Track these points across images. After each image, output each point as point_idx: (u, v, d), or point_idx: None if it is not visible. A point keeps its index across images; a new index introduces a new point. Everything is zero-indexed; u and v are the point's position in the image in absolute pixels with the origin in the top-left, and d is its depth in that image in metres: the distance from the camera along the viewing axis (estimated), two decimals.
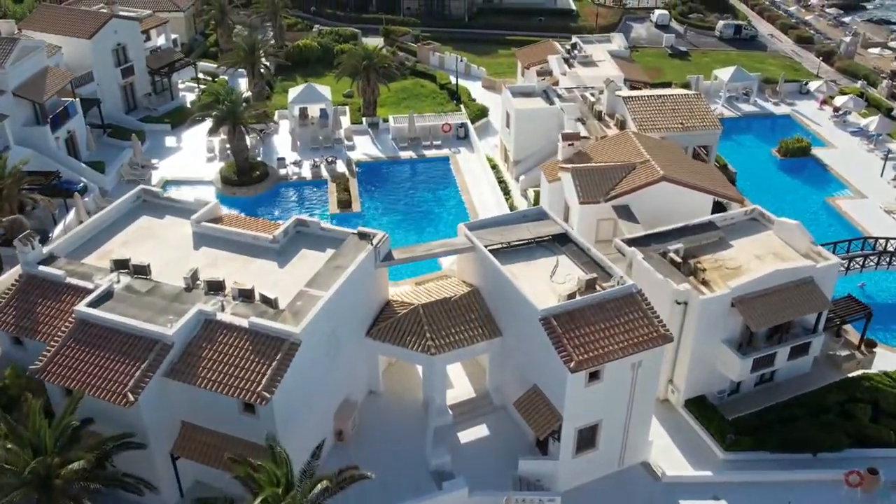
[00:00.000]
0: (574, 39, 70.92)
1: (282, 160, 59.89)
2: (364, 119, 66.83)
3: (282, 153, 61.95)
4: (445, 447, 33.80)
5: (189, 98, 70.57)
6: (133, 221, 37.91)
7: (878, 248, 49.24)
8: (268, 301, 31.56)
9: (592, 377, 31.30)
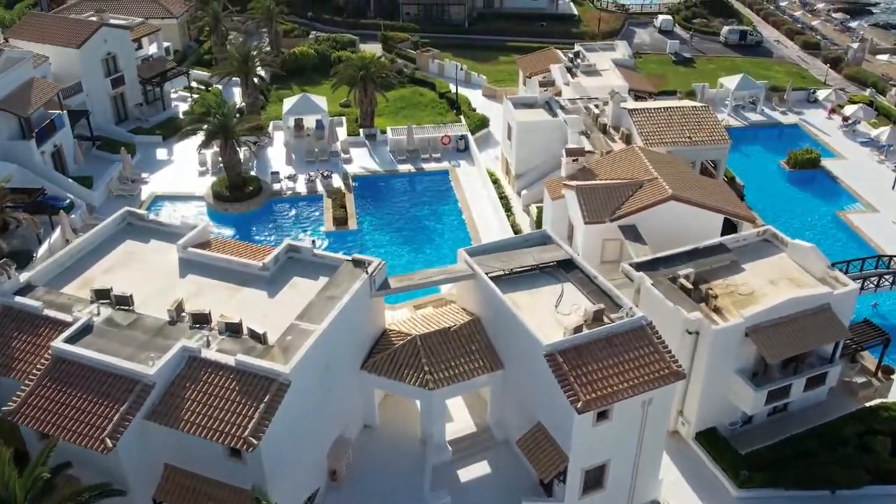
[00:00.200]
0: (577, 47, 69.18)
1: (276, 174, 57.92)
2: (361, 130, 64.87)
3: (276, 166, 60.11)
4: (445, 489, 32.06)
5: (182, 108, 68.58)
6: (117, 246, 36.01)
7: (894, 268, 47.57)
8: (256, 336, 29.75)
9: (601, 416, 29.57)
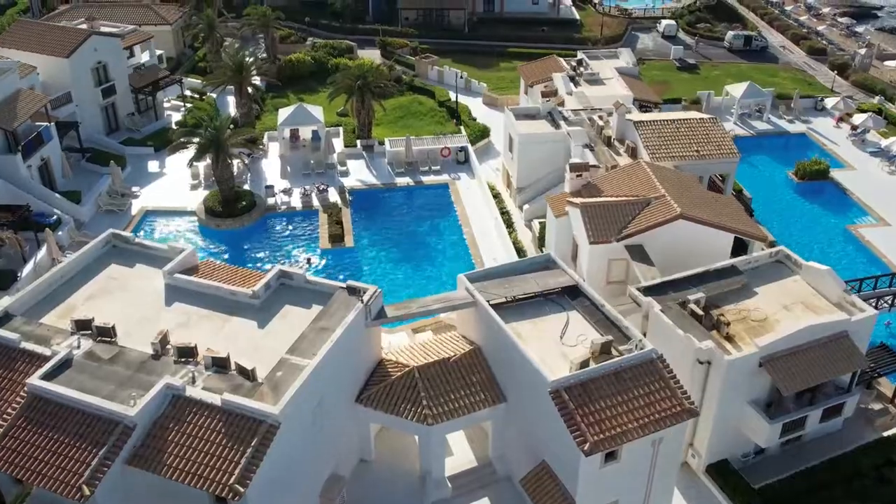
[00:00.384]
0: (580, 55, 67.52)
1: (270, 188, 56.09)
2: (358, 142, 63.17)
3: (271, 180, 58.35)
4: None
5: (175, 118, 66.80)
6: (101, 270, 34.33)
7: None
8: (244, 372, 28.12)
9: (609, 457, 28.01)
